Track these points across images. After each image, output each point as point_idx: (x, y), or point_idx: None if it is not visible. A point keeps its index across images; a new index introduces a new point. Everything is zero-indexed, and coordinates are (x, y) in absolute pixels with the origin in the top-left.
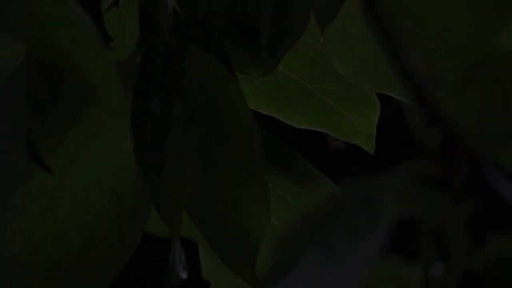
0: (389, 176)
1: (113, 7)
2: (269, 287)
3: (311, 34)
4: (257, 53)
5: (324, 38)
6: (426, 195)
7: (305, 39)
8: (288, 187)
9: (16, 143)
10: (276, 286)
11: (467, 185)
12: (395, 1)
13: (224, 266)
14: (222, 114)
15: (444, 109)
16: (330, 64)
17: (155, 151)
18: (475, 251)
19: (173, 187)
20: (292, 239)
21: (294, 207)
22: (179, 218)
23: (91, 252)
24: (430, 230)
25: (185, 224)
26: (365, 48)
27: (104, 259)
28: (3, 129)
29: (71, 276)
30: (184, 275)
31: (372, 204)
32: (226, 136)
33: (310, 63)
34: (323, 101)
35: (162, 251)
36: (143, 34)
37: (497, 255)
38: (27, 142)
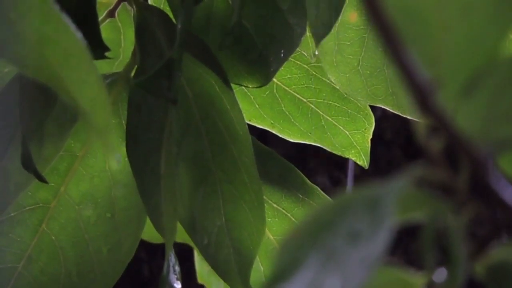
0: (391, 180)
1: (108, 18)
2: None
3: (306, 47)
4: (253, 65)
5: (320, 51)
6: (428, 200)
7: (301, 51)
8: (282, 199)
9: (12, 154)
10: None
11: (470, 190)
12: (398, 5)
13: None
14: (217, 125)
15: (447, 114)
16: (325, 77)
17: (151, 161)
18: (478, 256)
19: (168, 199)
20: (295, 243)
21: (288, 220)
22: (174, 230)
23: (86, 264)
24: (432, 235)
25: (181, 229)
26: (360, 61)
27: (98, 271)
28: None
29: None
30: (178, 285)
31: (375, 209)
32: (222, 148)
33: (305, 76)
34: (317, 114)
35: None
36: (139, 46)
37: (500, 260)
38: (22, 153)
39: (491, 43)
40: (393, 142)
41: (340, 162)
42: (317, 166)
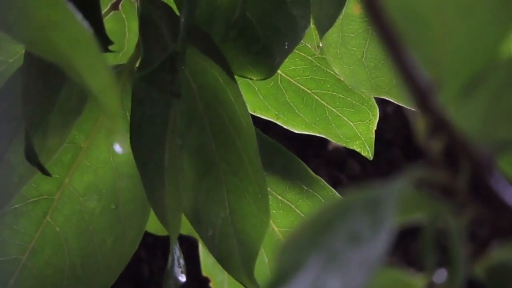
0: (391, 181)
1: (112, 11)
2: None
3: (310, 39)
4: (257, 58)
5: (324, 43)
6: (428, 201)
7: (305, 43)
8: (286, 191)
9: (15, 147)
10: None
11: (470, 191)
12: (399, 6)
13: None
14: (221, 118)
15: (447, 115)
16: (329, 68)
17: (155, 155)
18: (478, 258)
19: (172, 192)
20: (295, 245)
21: (292, 211)
22: (179, 223)
23: (90, 256)
24: (432, 236)
25: (186, 221)
26: (364, 53)
27: (102, 263)
28: (2, 133)
29: (69, 280)
30: (183, 278)
31: (375, 210)
32: (226, 140)
33: (310, 68)
34: (322, 106)
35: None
36: (142, 39)
37: (500, 261)
38: (26, 146)
39: (491, 44)
40: (393, 142)
41: (340, 162)
42: (317, 166)
